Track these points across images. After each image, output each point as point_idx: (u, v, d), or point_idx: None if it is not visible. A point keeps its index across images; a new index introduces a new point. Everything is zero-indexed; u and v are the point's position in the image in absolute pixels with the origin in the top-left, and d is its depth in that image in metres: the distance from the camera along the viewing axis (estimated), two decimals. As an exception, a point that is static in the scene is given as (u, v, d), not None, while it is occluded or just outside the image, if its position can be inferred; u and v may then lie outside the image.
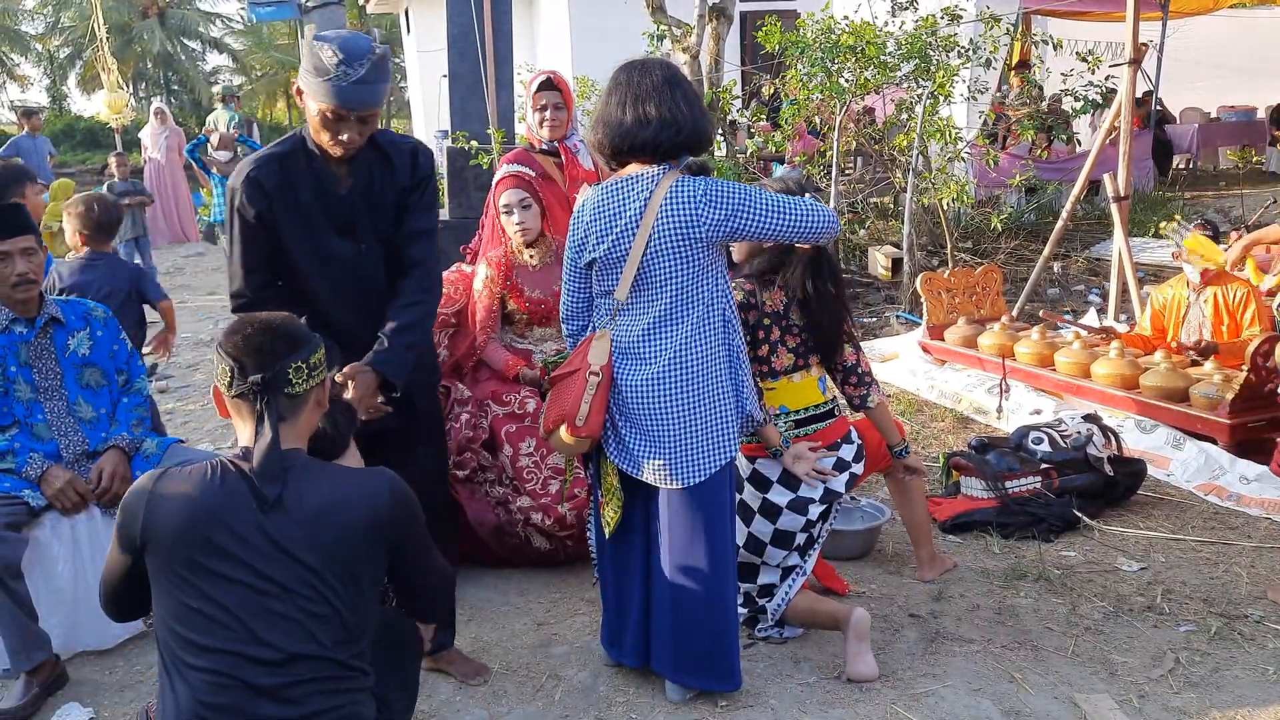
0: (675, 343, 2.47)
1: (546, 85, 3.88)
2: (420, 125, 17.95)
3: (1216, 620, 2.99)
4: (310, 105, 2.38)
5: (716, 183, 2.46)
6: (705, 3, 7.89)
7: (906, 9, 7.30)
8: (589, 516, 2.89)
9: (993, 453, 3.88)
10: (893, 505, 3.51)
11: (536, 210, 3.55)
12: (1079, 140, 10.65)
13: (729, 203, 2.43)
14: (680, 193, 2.43)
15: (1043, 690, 2.67)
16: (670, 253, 2.44)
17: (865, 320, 6.90)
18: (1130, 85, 5.39)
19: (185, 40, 32.08)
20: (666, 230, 2.43)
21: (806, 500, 2.81)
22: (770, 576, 2.90)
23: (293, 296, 2.53)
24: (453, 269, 3.87)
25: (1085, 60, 6.99)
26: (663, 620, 2.61)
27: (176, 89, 32.79)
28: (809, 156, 7.88)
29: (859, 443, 2.95)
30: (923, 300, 5.66)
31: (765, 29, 7.13)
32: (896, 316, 6.74)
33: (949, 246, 7.39)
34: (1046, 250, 6.06)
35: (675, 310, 2.47)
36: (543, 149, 3.95)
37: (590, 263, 2.55)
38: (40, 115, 15.05)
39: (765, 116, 10.00)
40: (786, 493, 2.82)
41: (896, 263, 7.50)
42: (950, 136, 6.85)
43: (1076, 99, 7.87)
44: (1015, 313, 5.89)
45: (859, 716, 2.58)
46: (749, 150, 8.57)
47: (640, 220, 2.44)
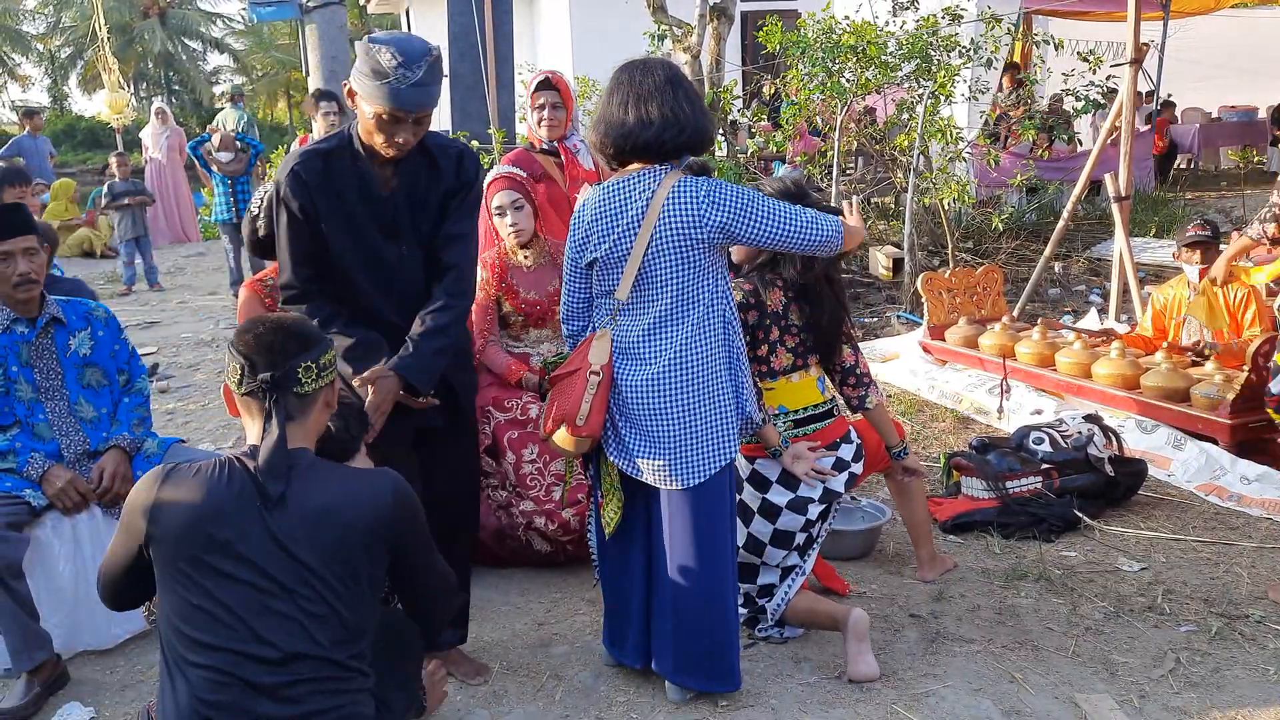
0: (676, 343, 2.47)
1: (544, 85, 3.88)
2: (421, 125, 17.92)
3: (1217, 620, 2.99)
4: (365, 108, 2.35)
5: (722, 184, 2.46)
6: (706, 2, 7.89)
7: (907, 9, 7.30)
8: (589, 517, 2.89)
9: (993, 453, 3.88)
10: (893, 505, 3.51)
11: (529, 211, 3.50)
12: (1080, 140, 10.65)
13: (733, 206, 2.42)
14: (683, 192, 2.43)
15: (1043, 690, 2.67)
16: (672, 252, 2.43)
17: (866, 320, 6.89)
18: (1131, 85, 5.38)
19: (186, 40, 32.11)
20: (669, 230, 2.42)
21: (806, 500, 2.81)
22: (770, 576, 2.90)
23: (339, 293, 2.51)
24: None
25: (1086, 60, 6.99)
26: (663, 621, 2.61)
27: (177, 89, 32.82)
28: (810, 156, 7.88)
29: (858, 442, 2.95)
30: (924, 300, 5.66)
31: (766, 29, 7.13)
32: (897, 316, 6.74)
33: (950, 246, 7.38)
34: (1048, 250, 6.06)
35: (676, 310, 2.47)
36: (543, 149, 3.96)
37: (591, 263, 2.55)
38: (41, 115, 15.08)
39: (766, 116, 9.99)
40: (786, 493, 2.82)
41: (897, 263, 7.50)
42: (951, 136, 6.85)
43: (1078, 99, 7.86)
44: (1016, 313, 5.89)
45: (859, 716, 2.58)
46: (750, 150, 8.56)
47: (642, 219, 2.43)
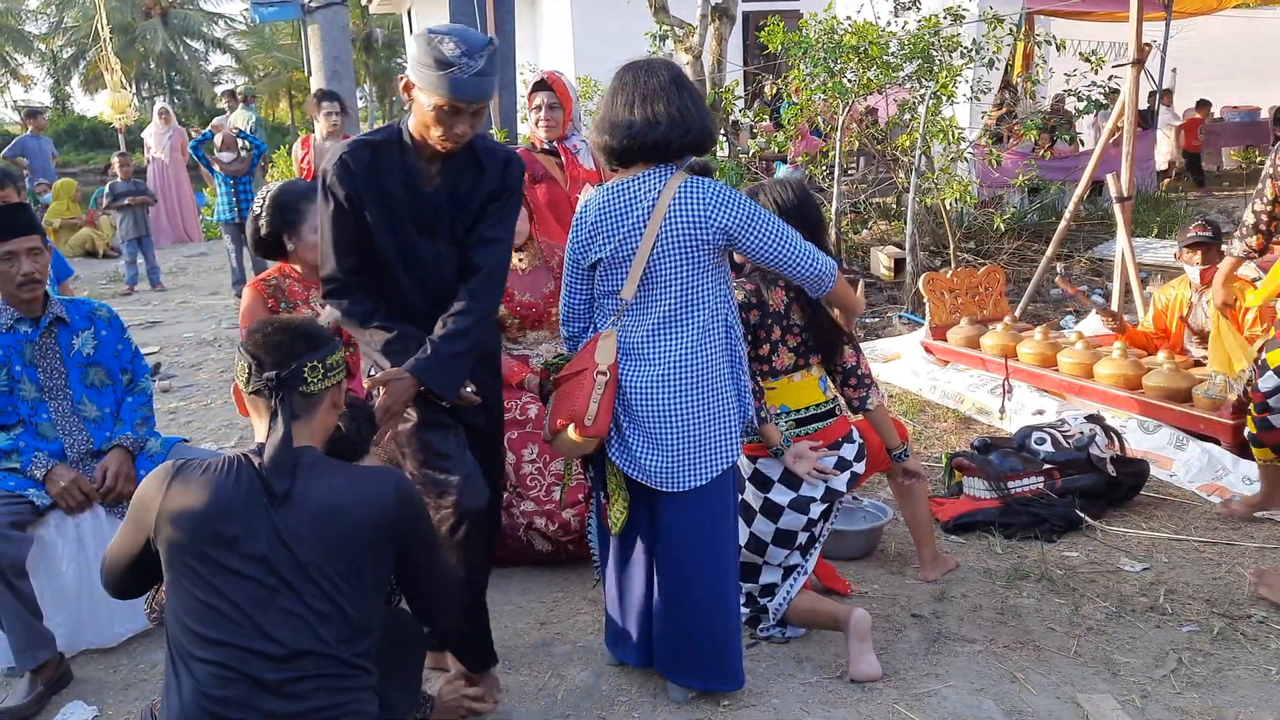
0: (681, 345, 2.47)
1: (540, 86, 3.90)
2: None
3: (1219, 621, 2.99)
4: (424, 100, 2.32)
5: (728, 189, 2.46)
6: (708, 3, 7.90)
7: (909, 9, 7.30)
8: (590, 517, 2.89)
9: (995, 453, 3.88)
10: (895, 505, 3.51)
11: (524, 214, 3.48)
12: (1082, 140, 10.65)
13: (739, 212, 2.43)
14: (690, 193, 2.43)
15: (1045, 690, 2.67)
16: (677, 253, 2.44)
17: (868, 320, 6.89)
18: (1134, 86, 5.38)
19: (188, 40, 32.18)
20: (674, 230, 2.42)
21: (808, 499, 2.82)
22: (772, 576, 2.90)
23: (379, 287, 2.50)
24: None
25: (1089, 60, 6.99)
26: (666, 621, 2.61)
27: (179, 89, 32.88)
28: (811, 157, 7.89)
29: (860, 442, 2.95)
30: (925, 300, 5.66)
31: (768, 29, 7.13)
32: (899, 317, 6.74)
33: (952, 247, 7.38)
34: (1049, 250, 6.05)
35: (681, 311, 2.47)
36: (544, 149, 3.96)
37: (594, 264, 2.55)
38: (44, 115, 15.09)
39: (768, 117, 10.00)
40: (788, 492, 2.82)
41: (899, 263, 7.50)
42: (953, 137, 6.85)
43: (1080, 99, 7.87)
44: (1018, 313, 5.89)
45: (861, 716, 2.58)
46: (751, 150, 8.57)
47: (648, 220, 2.43)
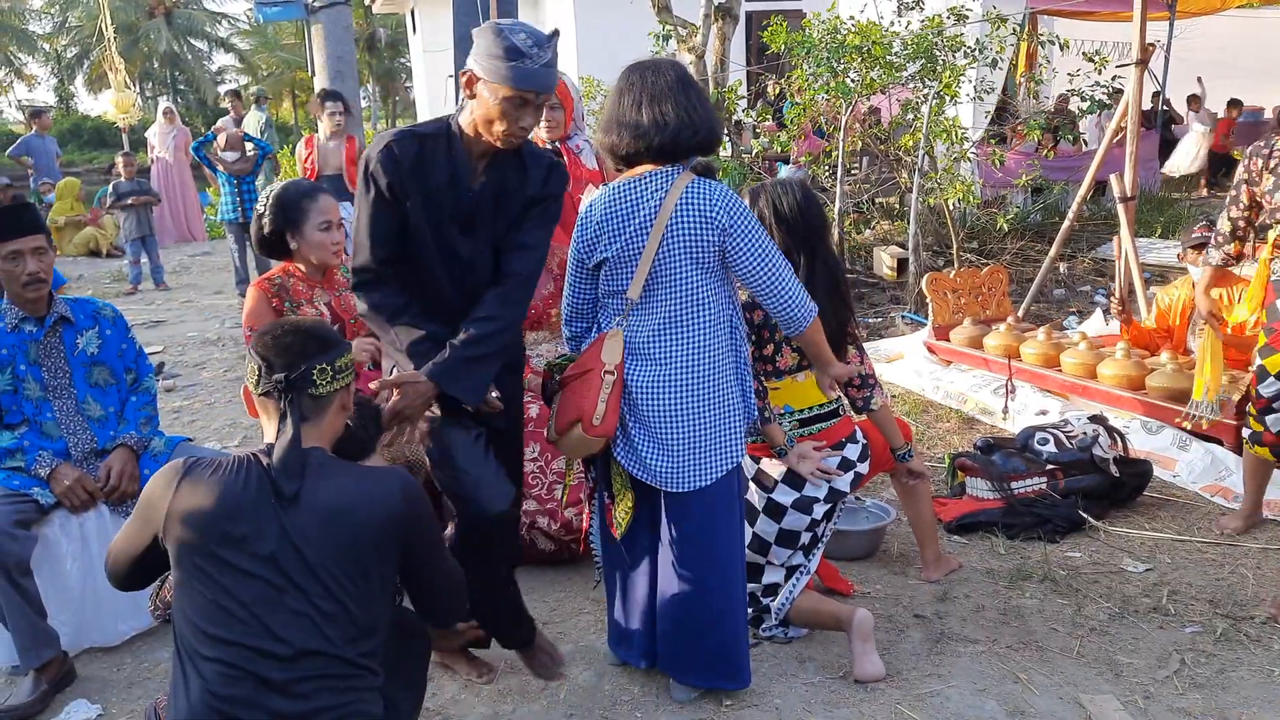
0: (686, 344, 2.47)
1: None
2: (426, 125, 17.95)
3: (1222, 621, 2.99)
4: (489, 93, 2.30)
5: (735, 196, 2.47)
6: (711, 3, 7.90)
7: (912, 9, 7.30)
8: (591, 516, 2.89)
9: (998, 453, 3.88)
10: (898, 506, 3.51)
11: None
12: (1085, 140, 10.64)
13: (738, 220, 2.43)
14: (696, 193, 2.43)
15: (1048, 691, 2.67)
16: (683, 253, 2.44)
17: (871, 320, 6.89)
18: (1137, 85, 5.38)
19: (192, 40, 32.21)
20: (680, 230, 2.43)
21: (811, 499, 2.82)
22: (775, 576, 2.90)
23: (411, 279, 2.48)
24: None
25: (1092, 60, 6.99)
26: (670, 621, 2.61)
27: (183, 89, 32.92)
28: (814, 157, 7.89)
29: (864, 442, 2.95)
30: (928, 300, 5.66)
31: (771, 29, 7.13)
32: (902, 317, 6.74)
33: (955, 247, 7.38)
34: (1053, 251, 6.05)
35: (686, 311, 2.47)
36: (546, 150, 3.96)
37: (599, 263, 2.55)
38: (48, 115, 15.12)
39: (771, 116, 10.00)
40: (791, 492, 2.82)
41: (902, 263, 7.50)
42: (956, 137, 6.85)
43: (1083, 99, 7.86)
44: (1021, 313, 5.88)
45: (864, 716, 2.58)
46: (754, 150, 8.57)
47: (654, 220, 2.44)
